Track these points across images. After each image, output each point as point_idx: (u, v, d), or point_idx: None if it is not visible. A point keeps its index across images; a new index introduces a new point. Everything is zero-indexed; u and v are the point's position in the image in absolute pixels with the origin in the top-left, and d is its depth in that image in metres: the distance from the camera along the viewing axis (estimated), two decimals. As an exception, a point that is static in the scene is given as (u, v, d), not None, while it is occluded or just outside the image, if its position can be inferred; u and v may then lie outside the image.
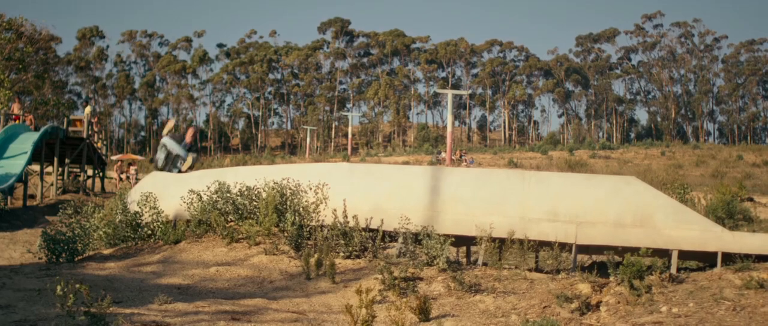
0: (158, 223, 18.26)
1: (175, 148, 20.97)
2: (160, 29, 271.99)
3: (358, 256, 16.27)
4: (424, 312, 12.39)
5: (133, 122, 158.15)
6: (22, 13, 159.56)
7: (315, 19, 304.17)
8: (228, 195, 17.69)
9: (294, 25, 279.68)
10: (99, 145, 49.81)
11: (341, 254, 16.12)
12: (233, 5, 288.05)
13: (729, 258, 15.91)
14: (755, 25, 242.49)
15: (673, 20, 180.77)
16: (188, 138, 20.75)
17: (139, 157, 77.21)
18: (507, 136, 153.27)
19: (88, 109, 49.02)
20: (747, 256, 15.55)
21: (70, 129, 45.14)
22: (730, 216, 23.91)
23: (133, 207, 18.59)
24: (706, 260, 17.54)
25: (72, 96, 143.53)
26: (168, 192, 18.99)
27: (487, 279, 14.74)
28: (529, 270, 16.32)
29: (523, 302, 13.28)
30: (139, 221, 18.39)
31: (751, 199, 32.91)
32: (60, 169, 45.49)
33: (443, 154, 65.68)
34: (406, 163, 51.81)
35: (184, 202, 18.03)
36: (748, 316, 11.69)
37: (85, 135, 45.12)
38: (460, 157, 61.82)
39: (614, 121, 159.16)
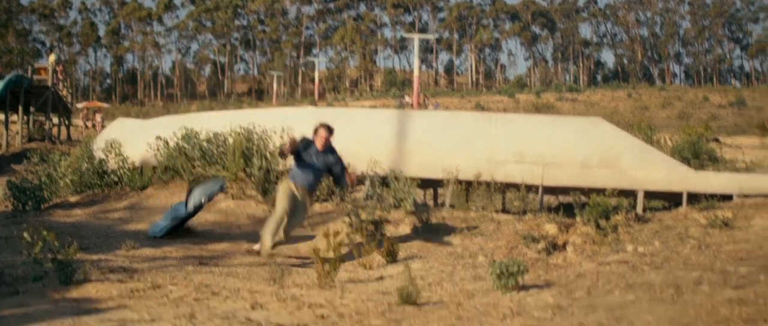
0: (125, 170, 18.17)
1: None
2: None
3: (325, 200, 16.25)
4: (391, 254, 12.41)
5: (99, 70, 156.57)
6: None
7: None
8: (195, 140, 17.57)
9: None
10: (64, 93, 49.43)
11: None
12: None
13: (694, 198, 16.03)
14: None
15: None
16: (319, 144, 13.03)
17: (104, 105, 76.61)
18: (474, 79, 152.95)
19: (52, 57, 48.60)
20: (712, 196, 15.66)
21: (35, 77, 44.77)
22: (695, 156, 24.04)
23: (100, 155, 18.47)
24: (671, 200, 17.66)
25: (36, 44, 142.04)
26: (135, 139, 18.88)
27: (454, 221, 14.77)
28: (496, 211, 16.36)
29: (490, 243, 13.32)
30: (105, 168, 18.29)
31: (716, 140, 33.13)
32: (25, 118, 45.13)
33: (408, 98, 65.56)
34: (374, 107, 51.69)
35: (151, 149, 17.90)
36: (713, 254, 11.76)
37: (50, 83, 44.75)
38: (425, 101, 61.63)
39: (581, 64, 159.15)
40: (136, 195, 17.12)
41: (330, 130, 12.70)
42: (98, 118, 58.74)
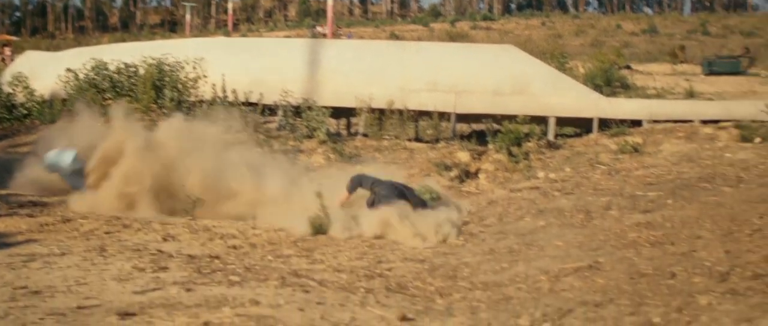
0: (34, 103, 17.78)
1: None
2: None
3: (238, 130, 16.08)
4: (303, 184, 12.32)
5: (8, 2, 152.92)
6: None
7: None
8: (105, 72, 17.22)
9: None
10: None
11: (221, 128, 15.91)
12: None
13: (605, 124, 16.16)
14: None
15: None
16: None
17: (14, 38, 74.92)
18: (389, 9, 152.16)
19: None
20: (623, 121, 15.80)
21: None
22: (607, 83, 24.28)
23: (7, 89, 18.05)
24: (583, 126, 17.79)
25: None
26: (44, 71, 18.48)
27: (367, 150, 14.74)
28: (409, 140, 16.35)
29: (404, 171, 13.28)
30: (14, 101, 17.88)
31: (628, 67, 33.39)
32: (-70, 51, 44.03)
33: (320, 28, 65.00)
34: (288, 38, 51.29)
35: (61, 81, 17.51)
36: (623, 179, 11.87)
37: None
38: (337, 31, 61.14)
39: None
40: (47, 129, 16.77)
41: None
42: (7, 51, 57.42)
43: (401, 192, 9.73)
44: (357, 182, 9.80)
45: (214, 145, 11.95)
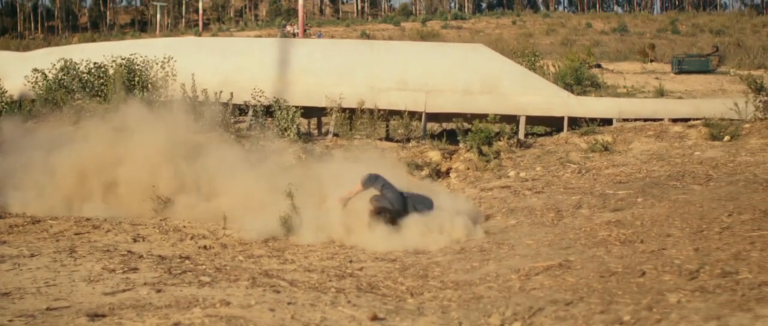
0: (2, 104, 17.64)
1: None
2: None
3: (208, 130, 16.03)
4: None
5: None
6: None
7: None
8: (74, 72, 17.12)
9: None
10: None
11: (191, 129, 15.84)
12: None
13: (576, 123, 16.21)
14: None
15: None
16: None
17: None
18: (359, 8, 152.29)
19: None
20: (593, 120, 15.85)
21: None
22: (578, 82, 24.36)
23: (-25, 89, 17.91)
24: (553, 125, 17.86)
25: None
26: (12, 72, 18.31)
27: (338, 150, 14.71)
28: (380, 139, 16.38)
29: (374, 170, 13.25)
30: (-19, 102, 17.75)
31: (598, 66, 33.56)
32: None
33: (289, 27, 64.87)
34: (259, 37, 51.22)
35: (29, 82, 17.39)
36: (593, 178, 11.92)
37: None
38: (307, 30, 61.04)
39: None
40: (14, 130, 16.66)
41: None
42: (-25, 51, 57.08)
43: (405, 201, 9.62)
44: (372, 180, 9.71)
45: (185, 143, 11.93)
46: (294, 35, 48.41)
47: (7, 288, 6.45)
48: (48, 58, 18.09)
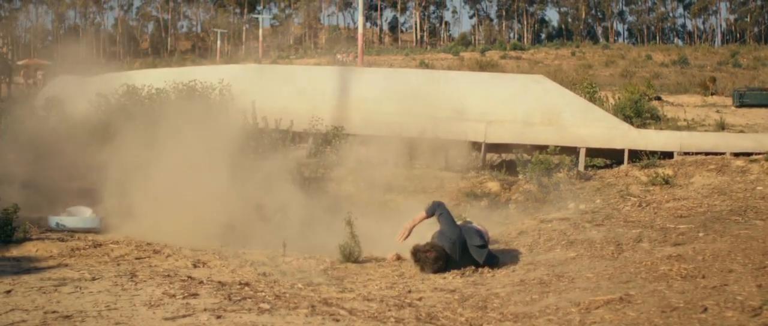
0: (66, 128, 17.88)
1: None
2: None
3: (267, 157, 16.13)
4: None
5: (40, 27, 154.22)
6: None
7: None
8: (136, 97, 17.33)
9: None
10: (4, 50, 48.70)
11: (251, 156, 15.95)
12: None
13: (636, 156, 16.12)
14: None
15: None
16: None
17: (45, 62, 75.33)
18: (418, 37, 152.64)
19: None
20: (653, 153, 15.76)
21: (-27, 35, 44.13)
22: (637, 114, 24.19)
23: (41, 112, 18.19)
24: (613, 157, 17.75)
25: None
26: (75, 95, 18.57)
27: (397, 179, 14.73)
28: (440, 169, 16.35)
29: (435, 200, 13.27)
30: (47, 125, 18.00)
31: (658, 98, 33.33)
32: (-37, 76, 44.44)
33: (339, 56, 65.23)
34: (318, 65, 51.51)
35: (92, 105, 17.62)
36: (653, 211, 11.84)
37: (-12, 40, 44.10)
38: (354, 58, 61.20)
39: (525, 22, 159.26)
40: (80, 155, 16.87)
41: None
42: (39, 75, 57.84)
43: (457, 236, 9.38)
44: (435, 207, 9.65)
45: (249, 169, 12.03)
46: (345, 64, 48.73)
47: (68, 311, 6.52)
48: (111, 83, 18.31)
